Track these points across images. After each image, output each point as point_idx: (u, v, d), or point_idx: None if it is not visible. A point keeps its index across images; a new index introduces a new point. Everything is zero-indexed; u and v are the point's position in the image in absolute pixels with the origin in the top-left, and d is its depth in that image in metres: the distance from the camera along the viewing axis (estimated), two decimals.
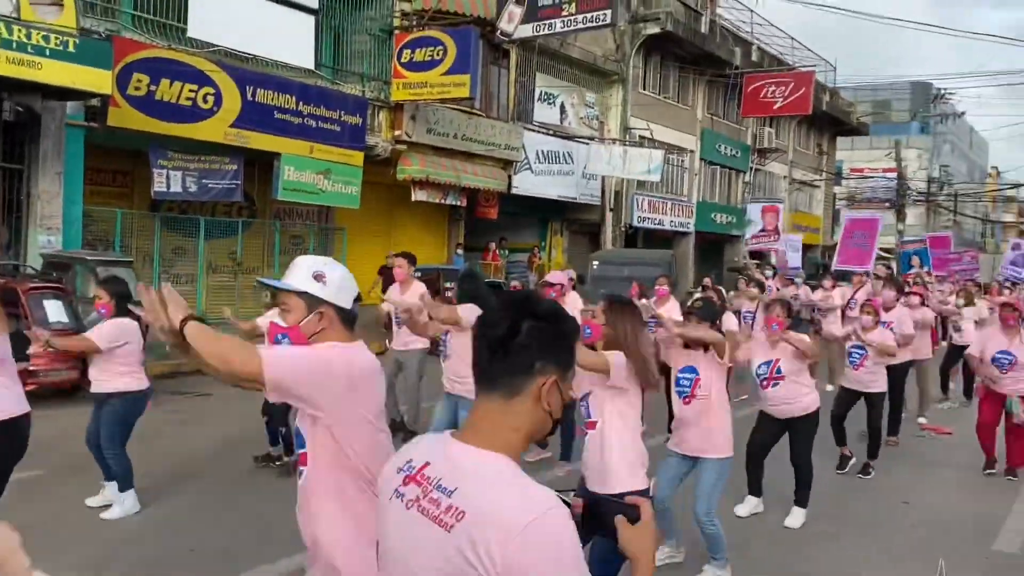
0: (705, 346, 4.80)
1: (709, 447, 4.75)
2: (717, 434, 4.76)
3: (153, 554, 5.02)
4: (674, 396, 4.94)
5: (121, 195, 13.60)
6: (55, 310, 8.83)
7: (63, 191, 11.21)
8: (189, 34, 12.45)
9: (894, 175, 40.82)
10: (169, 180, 12.57)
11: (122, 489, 5.62)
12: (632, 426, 3.77)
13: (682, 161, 26.08)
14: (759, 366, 5.84)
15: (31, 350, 5.88)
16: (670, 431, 5.13)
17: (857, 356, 7.52)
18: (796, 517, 5.92)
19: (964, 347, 9.60)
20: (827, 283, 12.63)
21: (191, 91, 12.28)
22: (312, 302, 2.35)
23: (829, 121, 34.25)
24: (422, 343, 8.02)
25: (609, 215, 22.18)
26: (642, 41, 22.70)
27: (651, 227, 24.05)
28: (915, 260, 15.36)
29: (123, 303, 5.64)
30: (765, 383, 5.84)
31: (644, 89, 23.81)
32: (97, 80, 9.96)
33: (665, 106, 24.63)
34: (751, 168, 29.64)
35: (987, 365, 7.43)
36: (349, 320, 2.40)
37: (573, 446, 6.92)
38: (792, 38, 30.67)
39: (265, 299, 6.95)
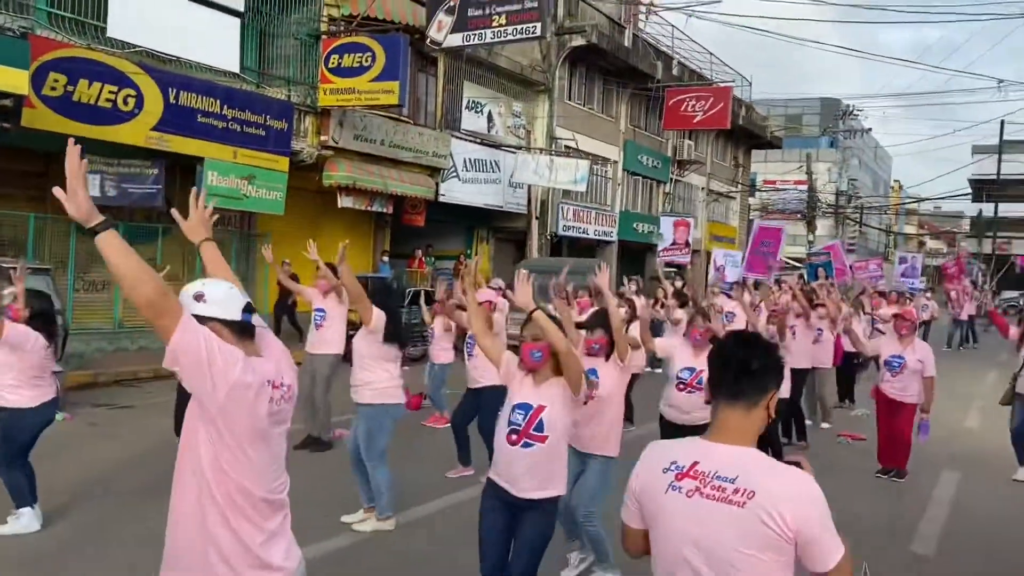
0: (607, 352, 5.03)
1: (596, 445, 4.95)
2: (607, 434, 4.98)
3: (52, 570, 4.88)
4: None
5: (34, 199, 13.04)
6: None
7: None
8: (109, 34, 12.02)
9: (805, 187, 42.41)
10: (87, 184, 12.12)
11: (19, 505, 5.44)
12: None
13: (606, 171, 26.53)
14: (682, 370, 6.03)
15: None
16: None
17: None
18: None
19: (856, 353, 10.22)
20: (736, 292, 12.92)
21: (111, 92, 11.89)
22: (199, 321, 2.41)
23: (745, 135, 35.37)
24: (335, 348, 8.01)
25: (535, 223, 22.40)
26: (568, 53, 23.03)
27: (576, 236, 24.39)
28: (820, 272, 16.03)
29: (38, 319, 5.48)
30: (681, 387, 6.01)
31: (570, 100, 24.16)
32: (12, 79, 9.58)
33: (590, 117, 25.04)
34: (671, 179, 30.36)
35: (880, 367, 8.01)
36: (241, 330, 2.46)
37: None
38: (711, 54, 31.59)
39: None
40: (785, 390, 7.89)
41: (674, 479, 2.09)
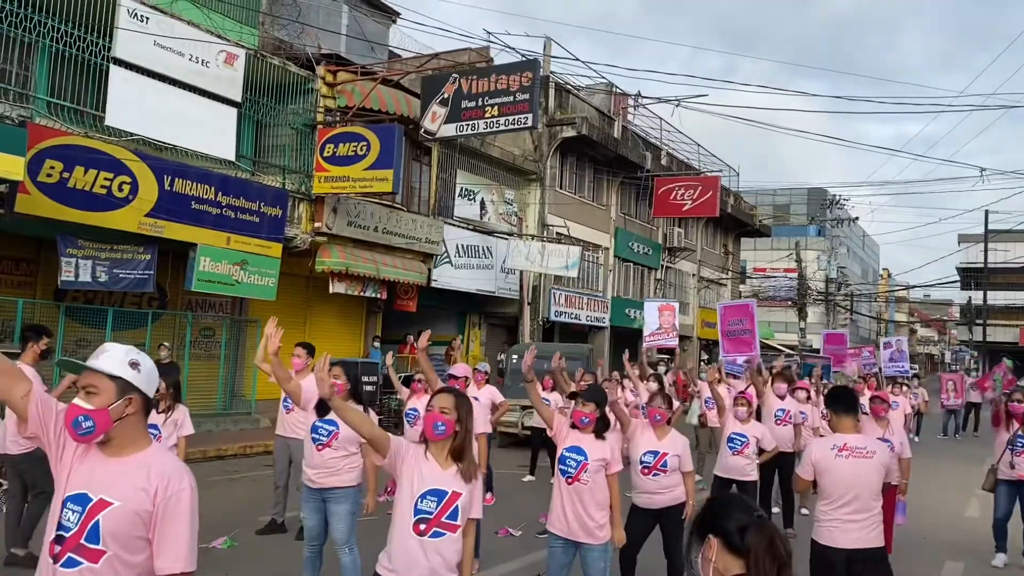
0: (600, 431, 4.97)
1: (591, 534, 4.84)
2: (601, 518, 4.88)
3: None
4: (556, 475, 4.99)
5: (24, 283, 13.04)
6: None
7: None
8: (107, 122, 12.24)
9: (795, 275, 42.81)
10: (78, 269, 12.13)
11: None
12: None
13: (597, 258, 26.76)
14: (644, 454, 5.92)
15: None
16: None
17: (739, 443, 7.79)
18: None
19: None
20: (712, 375, 12.78)
21: (106, 179, 12.01)
22: (124, 388, 2.42)
23: (734, 222, 35.88)
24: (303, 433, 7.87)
25: (527, 309, 22.43)
26: (559, 143, 23.52)
27: (568, 321, 24.39)
28: (817, 371, 15.93)
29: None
30: (646, 471, 5.91)
31: (561, 188, 24.54)
32: (8, 166, 9.68)
33: (580, 205, 25.40)
34: (662, 265, 30.62)
35: None
36: (149, 410, 2.52)
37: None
38: (699, 144, 32.33)
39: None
40: (756, 474, 7.94)
41: (838, 451, 4.81)
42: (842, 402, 5.15)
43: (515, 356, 17.24)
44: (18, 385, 2.41)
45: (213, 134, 13.57)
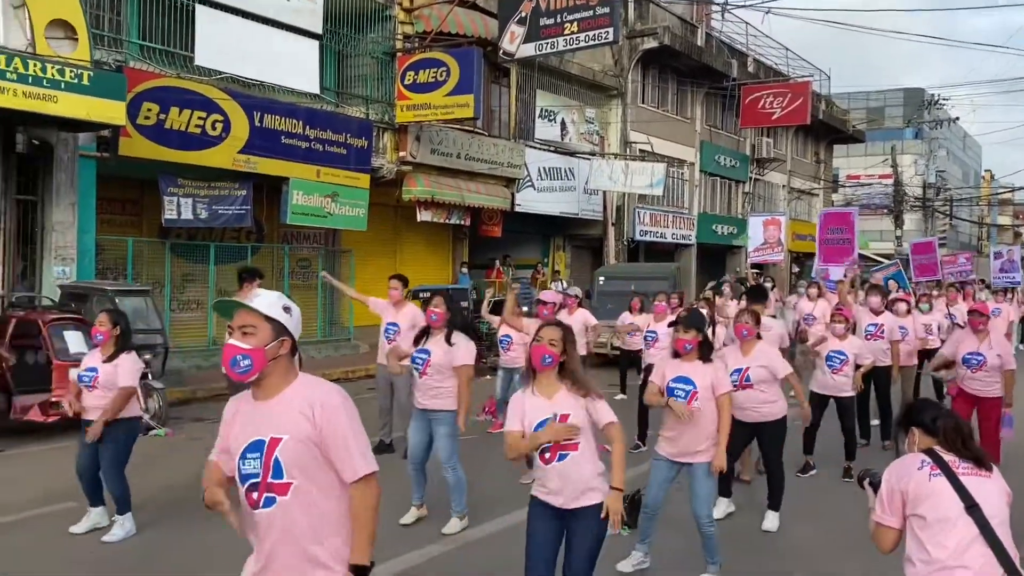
0: (706, 355, 4.99)
1: (703, 452, 4.92)
2: (707, 442, 4.94)
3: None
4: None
5: (131, 224, 13.67)
6: (76, 341, 8.86)
7: (77, 222, 11.27)
8: (196, 62, 12.53)
9: (890, 181, 41.05)
10: (180, 207, 12.65)
11: (122, 512, 5.73)
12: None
13: (682, 173, 26.23)
14: (731, 373, 5.96)
15: (67, 406, 5.90)
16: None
17: (837, 361, 7.69)
18: (771, 520, 6.13)
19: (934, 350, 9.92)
20: (812, 291, 12.44)
21: (200, 119, 12.38)
22: (278, 330, 2.55)
23: (825, 130, 34.46)
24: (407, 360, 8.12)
25: (611, 230, 22.27)
26: (640, 56, 22.88)
27: (653, 240, 24.17)
28: (892, 284, 15.28)
29: (128, 336, 5.80)
30: (734, 388, 5.89)
31: (643, 103, 23.98)
32: (111, 111, 10.03)
33: (664, 119, 24.80)
34: (750, 178, 29.82)
35: (958, 365, 7.67)
36: (296, 352, 2.64)
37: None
38: (787, 49, 30.94)
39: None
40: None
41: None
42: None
43: (602, 278, 17.25)
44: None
45: (297, 68, 13.74)
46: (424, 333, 6.09)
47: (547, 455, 3.76)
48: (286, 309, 2.59)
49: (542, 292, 9.05)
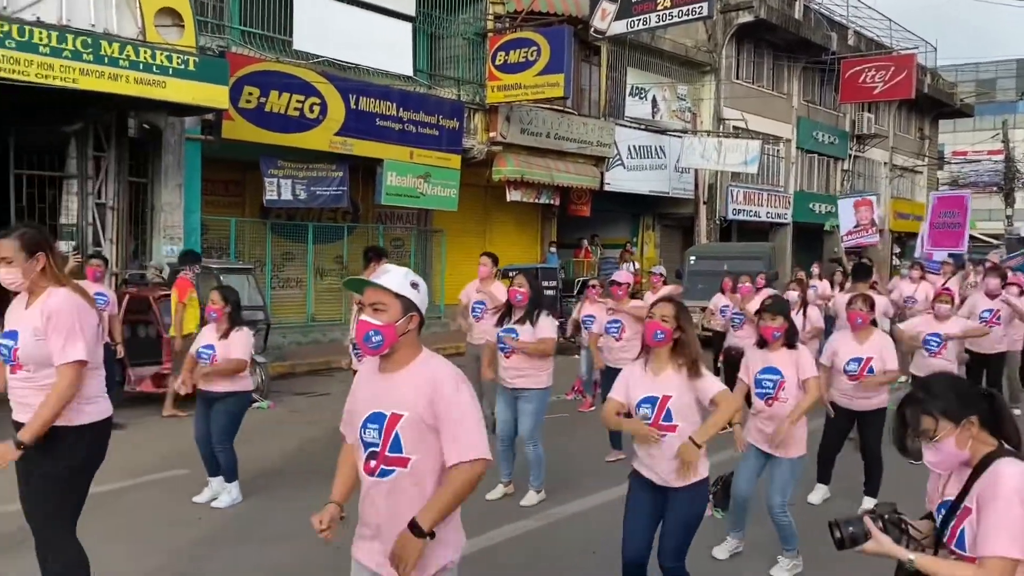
0: (791, 343, 4.88)
1: (787, 446, 4.81)
2: (796, 433, 4.81)
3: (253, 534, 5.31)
4: (754, 396, 4.99)
5: (234, 204, 14.20)
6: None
7: (183, 202, 11.79)
8: (294, 46, 12.89)
9: (1001, 157, 38.93)
10: (280, 188, 13.08)
11: (229, 480, 6.00)
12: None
13: (778, 150, 25.53)
14: (849, 362, 5.86)
15: (178, 387, 6.18)
16: None
17: (935, 344, 7.37)
18: (868, 505, 5.96)
19: None
20: (914, 273, 12.04)
21: (298, 101, 12.74)
22: (407, 306, 2.60)
23: (931, 103, 32.92)
24: (492, 337, 8.17)
25: (703, 208, 21.89)
26: (734, 30, 22.31)
27: (746, 219, 23.64)
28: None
29: (238, 312, 6.05)
30: (852, 378, 5.86)
31: (737, 79, 23.40)
32: (214, 95, 10.40)
33: (759, 95, 24.13)
34: (850, 155, 28.79)
35: None
36: (422, 327, 2.70)
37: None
38: (890, 20, 29.61)
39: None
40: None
41: None
42: None
43: (693, 258, 16.99)
44: None
45: (391, 51, 13.97)
46: (507, 312, 6.15)
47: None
48: (414, 285, 2.64)
49: (616, 273, 9.01)
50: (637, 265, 17.45)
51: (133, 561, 4.71)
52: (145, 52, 9.69)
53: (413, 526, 2.47)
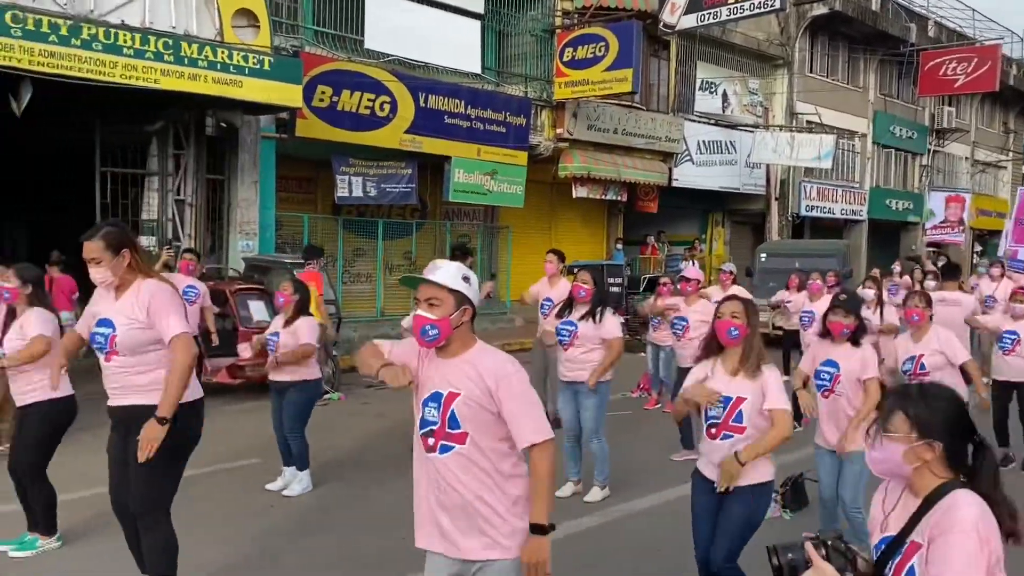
0: (856, 341, 4.78)
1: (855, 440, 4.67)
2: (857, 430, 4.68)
3: (324, 523, 5.43)
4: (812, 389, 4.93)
5: (306, 201, 14.53)
6: (258, 310, 9.61)
7: (258, 199, 12.13)
8: (366, 45, 13.12)
9: None
10: (351, 186, 13.33)
11: (300, 468, 6.16)
12: None
13: (853, 145, 24.87)
14: (904, 362, 5.74)
15: (244, 352, 6.40)
16: None
17: (1010, 341, 7.07)
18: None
19: None
20: (995, 271, 11.61)
21: (369, 100, 12.95)
22: (460, 299, 2.69)
23: (1016, 96, 31.55)
24: None
25: (775, 204, 21.48)
26: (808, 23, 21.81)
27: (820, 215, 23.10)
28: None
29: (305, 304, 6.21)
30: (910, 378, 5.69)
31: (811, 72, 22.86)
32: (289, 95, 10.68)
33: (834, 88, 23.53)
34: (929, 150, 27.83)
35: None
36: (474, 318, 2.79)
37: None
38: (973, 10, 28.55)
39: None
40: None
41: None
42: None
43: (763, 255, 16.70)
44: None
45: (459, 49, 14.10)
46: (568, 306, 6.14)
47: (713, 430, 3.79)
48: (465, 279, 2.74)
49: (685, 269, 8.93)
50: (697, 263, 17.26)
51: (206, 548, 4.86)
52: (222, 52, 10.00)
53: (534, 528, 2.62)
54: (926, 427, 2.12)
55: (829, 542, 2.14)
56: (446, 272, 2.72)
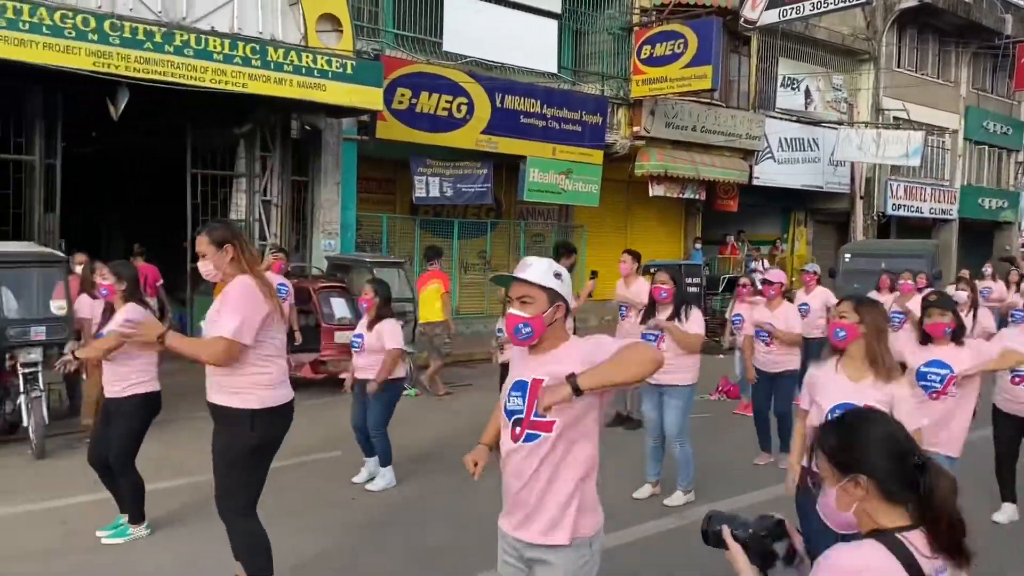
0: (959, 341, 4.64)
1: (951, 448, 4.59)
2: (959, 436, 4.62)
3: (409, 519, 5.50)
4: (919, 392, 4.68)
5: (385, 201, 14.77)
6: (340, 307, 9.83)
7: (340, 199, 12.40)
8: (444, 48, 13.28)
9: None
10: (428, 186, 13.50)
11: (384, 464, 6.27)
12: None
13: (943, 142, 23.95)
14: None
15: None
16: None
17: None
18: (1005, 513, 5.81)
19: None
20: None
21: (447, 102, 13.09)
22: (553, 296, 2.65)
23: None
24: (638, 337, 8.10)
25: (859, 203, 20.84)
26: (896, 16, 21.10)
27: (907, 215, 22.32)
28: None
29: (388, 303, 6.30)
30: (1018, 380, 5.50)
31: (899, 67, 22.11)
32: (370, 97, 10.89)
33: (922, 83, 22.71)
34: None
35: None
36: (568, 314, 2.75)
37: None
38: None
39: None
40: None
41: None
42: None
43: (847, 255, 16.22)
44: None
45: (536, 49, 14.14)
46: (651, 310, 6.11)
47: None
48: (557, 275, 2.70)
49: (768, 272, 8.74)
50: (767, 263, 16.88)
51: (290, 539, 4.96)
52: (307, 57, 10.26)
53: (570, 376, 2.49)
54: (845, 460, 1.84)
55: (751, 529, 2.00)
56: (537, 269, 2.69)
